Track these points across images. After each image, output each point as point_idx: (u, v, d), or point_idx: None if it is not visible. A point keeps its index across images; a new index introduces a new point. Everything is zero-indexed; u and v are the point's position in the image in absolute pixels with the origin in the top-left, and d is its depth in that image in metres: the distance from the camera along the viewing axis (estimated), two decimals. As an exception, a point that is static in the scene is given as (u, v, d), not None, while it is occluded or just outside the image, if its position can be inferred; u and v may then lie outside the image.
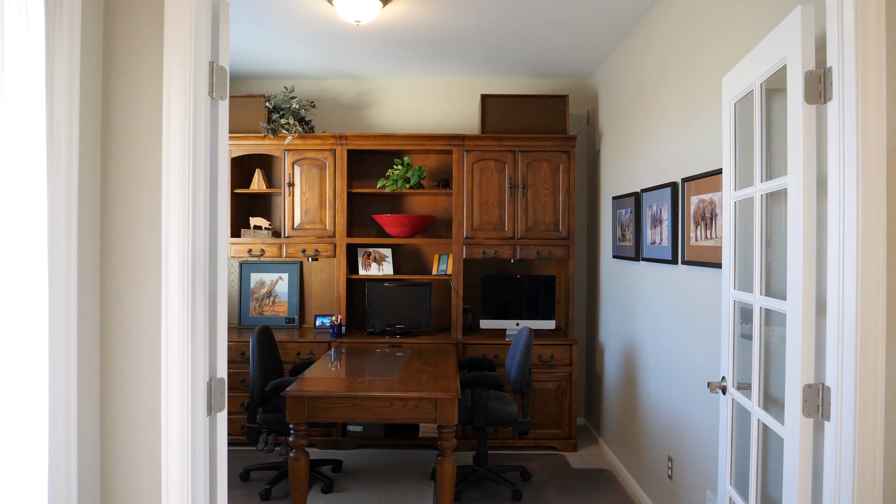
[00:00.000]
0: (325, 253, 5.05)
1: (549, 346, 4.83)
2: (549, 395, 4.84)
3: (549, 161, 4.98)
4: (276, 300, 5.45)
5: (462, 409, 3.95)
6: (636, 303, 4.10)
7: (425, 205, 5.46)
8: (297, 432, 3.37)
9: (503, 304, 5.06)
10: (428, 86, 5.51)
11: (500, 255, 4.98)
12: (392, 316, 5.08)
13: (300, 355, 4.89)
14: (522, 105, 5.03)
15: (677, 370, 3.38)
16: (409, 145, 5.02)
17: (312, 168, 5.06)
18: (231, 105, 5.07)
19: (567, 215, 4.97)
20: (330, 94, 5.53)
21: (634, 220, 4.06)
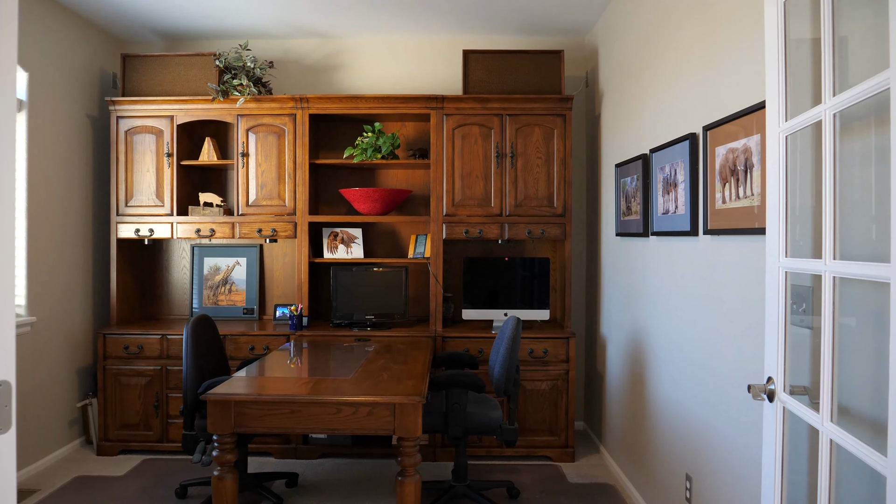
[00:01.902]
0: (285, 233, 4.38)
1: (542, 339, 4.16)
2: (543, 397, 4.17)
3: (541, 126, 4.30)
4: (232, 288, 4.79)
5: (435, 415, 3.28)
6: (645, 287, 3.43)
7: (401, 179, 4.78)
8: (222, 445, 2.70)
9: (489, 292, 4.39)
10: (404, 45, 4.83)
11: (486, 235, 4.30)
12: (361, 305, 4.41)
13: (254, 350, 4.22)
14: (511, 62, 4.34)
15: (698, 368, 2.71)
16: (380, 108, 4.34)
17: (269, 136, 4.38)
18: (177, 65, 4.39)
19: (563, 188, 4.29)
20: (294, 55, 4.85)
21: (642, 188, 3.38)
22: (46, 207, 4.04)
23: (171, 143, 4.39)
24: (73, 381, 4.34)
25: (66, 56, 4.23)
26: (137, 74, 4.40)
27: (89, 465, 4.05)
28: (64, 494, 3.59)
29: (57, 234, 4.15)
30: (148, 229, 4.39)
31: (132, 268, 4.68)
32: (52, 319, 4.10)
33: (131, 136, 4.41)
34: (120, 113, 4.39)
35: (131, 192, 4.41)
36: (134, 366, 4.24)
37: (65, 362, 4.24)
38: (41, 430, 4.01)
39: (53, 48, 4.09)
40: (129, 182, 4.41)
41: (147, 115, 4.38)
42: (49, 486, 3.73)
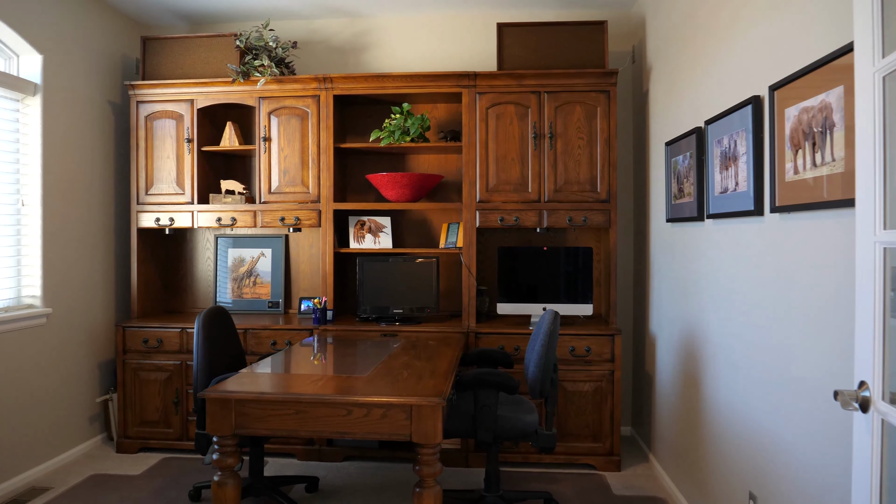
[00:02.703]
0: (308, 221, 4.13)
1: (584, 336, 3.80)
2: (585, 399, 3.82)
3: (583, 104, 3.94)
4: (257, 280, 4.57)
5: (462, 418, 2.97)
6: (699, 278, 3.04)
7: (433, 163, 4.48)
8: (223, 448, 2.45)
9: (526, 285, 4.05)
10: (435, 22, 4.53)
11: (523, 223, 3.97)
12: (389, 299, 4.12)
13: (276, 345, 3.99)
14: (549, 35, 3.99)
15: (766, 370, 2.33)
16: (409, 88, 4.05)
17: (292, 119, 4.14)
18: (197, 47, 4.19)
19: (607, 171, 3.92)
20: (320, 35, 4.60)
21: (696, 166, 2.99)
22: (64, 196, 3.89)
23: (191, 129, 4.19)
24: (94, 375, 4.19)
25: (86, 40, 4.07)
26: (158, 58, 4.22)
27: (107, 463, 3.89)
28: (75, 493, 3.42)
29: (76, 224, 4.00)
30: (168, 218, 4.21)
31: (155, 259, 4.51)
32: (71, 312, 3.95)
33: (151, 121, 4.23)
34: (140, 98, 4.22)
35: (151, 180, 4.23)
36: (153, 360, 4.06)
37: (85, 356, 4.09)
38: (59, 426, 3.86)
39: (71, 32, 3.94)
40: (149, 169, 4.24)
41: (167, 99, 4.20)
42: (62, 484, 3.56)
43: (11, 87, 3.55)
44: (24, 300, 3.71)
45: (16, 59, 3.67)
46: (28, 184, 3.70)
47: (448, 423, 2.96)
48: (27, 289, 3.71)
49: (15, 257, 3.65)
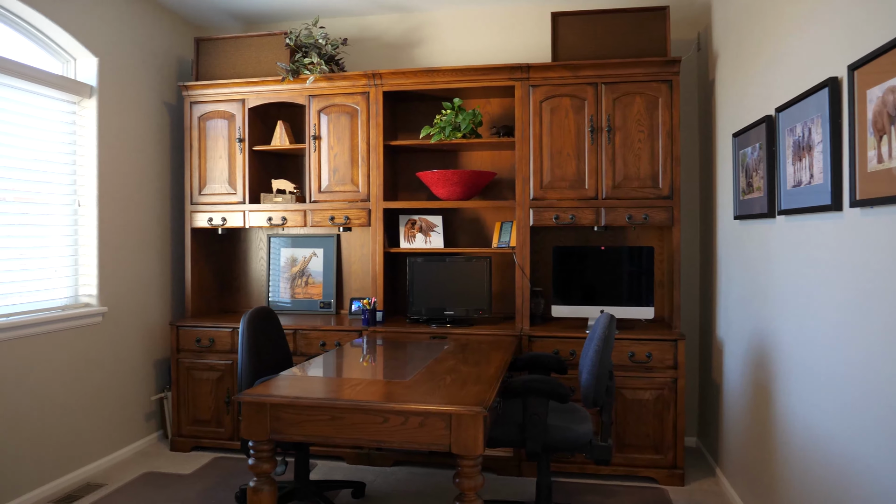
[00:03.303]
0: (358, 221, 4.06)
1: (644, 341, 3.58)
2: (646, 408, 3.59)
3: (643, 95, 3.71)
4: (309, 280, 4.54)
5: (510, 427, 2.82)
6: (770, 280, 2.79)
7: (486, 160, 4.34)
8: (259, 453, 2.38)
9: (583, 286, 3.85)
10: (488, 14, 4.38)
11: (579, 222, 3.78)
12: (440, 300, 4.01)
13: (325, 346, 3.93)
14: (606, 23, 3.79)
15: (845, 385, 2.08)
16: (460, 82, 3.92)
17: (342, 116, 4.08)
18: (248, 47, 4.19)
19: (670, 166, 3.69)
20: (371, 32, 4.53)
21: (766, 158, 2.74)
22: (119, 197, 3.95)
23: (242, 128, 4.19)
24: (150, 373, 4.24)
25: (141, 43, 4.13)
26: (210, 58, 4.24)
27: (160, 461, 3.92)
28: (128, 490, 3.45)
29: (132, 224, 4.05)
30: (221, 218, 4.22)
31: (210, 258, 4.54)
32: (126, 311, 4.01)
33: (204, 121, 4.25)
34: (193, 98, 4.25)
35: (204, 180, 4.26)
36: (205, 360, 4.08)
37: (141, 354, 4.15)
38: (116, 423, 3.92)
39: (127, 34, 3.99)
40: (202, 170, 4.26)
41: (219, 99, 4.21)
42: (116, 481, 3.61)
43: (68, 90, 3.62)
44: (81, 299, 3.77)
45: (73, 62, 3.74)
46: (84, 185, 3.77)
47: (495, 432, 2.81)
48: (84, 288, 3.78)
49: (72, 257, 3.72)
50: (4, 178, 3.25)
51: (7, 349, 3.16)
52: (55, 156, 3.58)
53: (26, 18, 3.38)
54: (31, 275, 3.42)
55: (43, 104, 3.50)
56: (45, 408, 3.40)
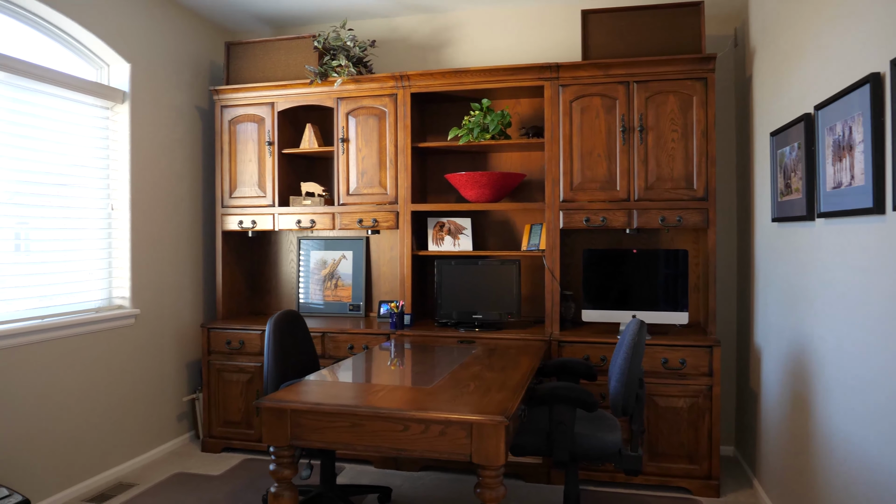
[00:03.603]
0: (386, 223, 4.04)
1: (678, 347, 3.47)
2: (679, 416, 3.49)
3: (676, 93, 3.61)
4: (338, 283, 4.54)
5: (536, 435, 2.76)
6: (810, 286, 2.67)
7: (516, 161, 4.27)
8: (279, 459, 2.36)
9: (615, 290, 3.76)
10: (516, 14, 4.31)
11: (610, 224, 3.69)
12: (468, 303, 3.96)
13: (353, 350, 3.92)
14: (638, 20, 3.69)
15: (889, 396, 1.97)
16: (488, 83, 3.87)
17: (370, 119, 4.06)
18: (277, 50, 4.20)
19: (704, 167, 3.57)
20: (399, 33, 4.51)
21: (805, 158, 2.63)
22: (152, 200, 4.00)
23: (271, 131, 4.21)
24: (182, 374, 4.29)
25: (173, 48, 4.18)
26: (240, 62, 4.27)
27: (191, 462, 3.96)
28: (158, 491, 3.49)
29: (164, 227, 4.11)
30: (251, 221, 4.25)
31: (241, 261, 4.57)
32: (159, 312, 4.06)
33: (234, 125, 4.29)
34: (223, 102, 4.28)
35: (235, 183, 4.29)
36: (236, 361, 4.10)
37: (173, 355, 4.20)
38: (148, 423, 3.97)
39: (159, 40, 4.04)
40: (233, 173, 4.29)
41: (248, 102, 4.24)
42: (147, 481, 3.65)
43: (102, 96, 3.67)
44: (115, 301, 3.83)
45: (106, 68, 3.80)
46: (117, 189, 3.82)
47: (520, 439, 2.75)
48: (117, 290, 3.83)
49: (106, 260, 3.78)
50: (41, 184, 3.32)
51: (43, 350, 3.23)
52: (89, 160, 3.65)
53: (62, 27, 3.45)
54: (66, 277, 3.48)
55: (77, 110, 3.56)
56: (80, 408, 3.46)
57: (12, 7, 3.19)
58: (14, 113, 3.17)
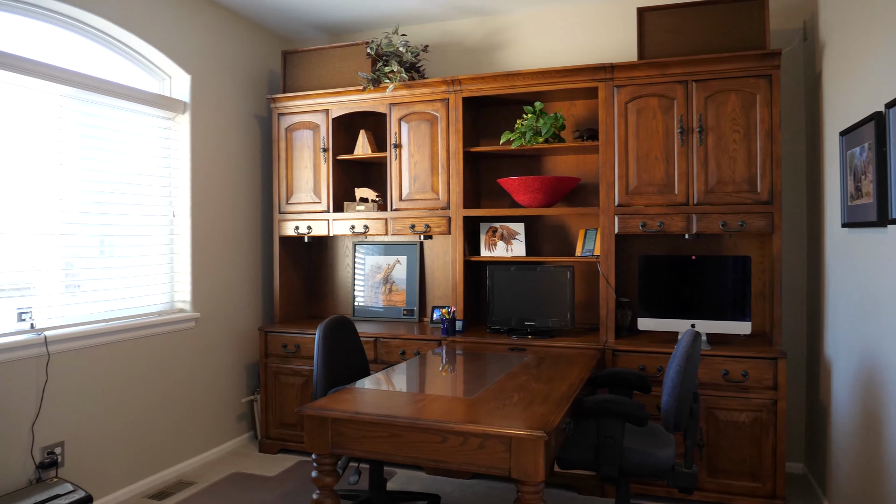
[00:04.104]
0: (438, 229, 4.02)
1: (740, 359, 3.31)
2: (741, 431, 3.32)
3: (738, 92, 3.44)
4: (392, 288, 4.56)
5: (583, 449, 2.67)
6: (882, 296, 2.49)
7: (571, 165, 4.18)
8: (321, 466, 2.38)
9: (672, 298, 3.62)
10: (571, 14, 4.22)
11: (668, 229, 3.55)
12: (520, 310, 3.89)
13: (405, 355, 3.92)
14: (698, 17, 3.54)
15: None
16: (541, 85, 3.80)
17: (422, 124, 4.06)
18: (332, 58, 4.26)
19: (769, 168, 3.39)
20: (452, 37, 4.49)
21: (875, 160, 2.45)
22: (213, 207, 4.12)
23: (326, 138, 4.26)
24: (242, 376, 4.41)
25: (232, 58, 4.30)
26: (296, 71, 4.35)
27: (248, 462, 4.05)
28: (215, 490, 3.59)
29: (224, 233, 4.23)
30: (306, 226, 4.32)
31: (298, 265, 4.66)
32: (218, 316, 4.18)
33: (291, 132, 4.37)
34: (280, 110, 4.37)
35: (291, 190, 4.37)
36: (291, 365, 4.18)
37: (232, 358, 4.31)
38: (208, 423, 4.09)
39: (218, 51, 4.16)
40: (289, 179, 4.38)
41: (304, 110, 4.31)
42: (206, 479, 3.76)
43: (164, 107, 3.81)
44: (177, 305, 3.97)
45: (168, 80, 3.94)
46: (178, 196, 3.96)
47: (566, 453, 2.68)
48: (179, 294, 3.97)
49: (168, 265, 3.92)
50: (109, 192, 3.47)
51: (110, 351, 3.37)
52: (152, 169, 3.79)
53: (126, 42, 3.59)
54: (131, 282, 3.62)
55: (141, 121, 3.70)
56: (143, 407, 3.59)
57: (81, 25, 3.35)
58: (84, 126, 3.33)
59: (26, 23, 3.12)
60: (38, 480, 2.97)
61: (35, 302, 3.08)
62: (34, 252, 3.09)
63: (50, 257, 3.16)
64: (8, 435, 2.88)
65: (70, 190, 3.27)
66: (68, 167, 3.26)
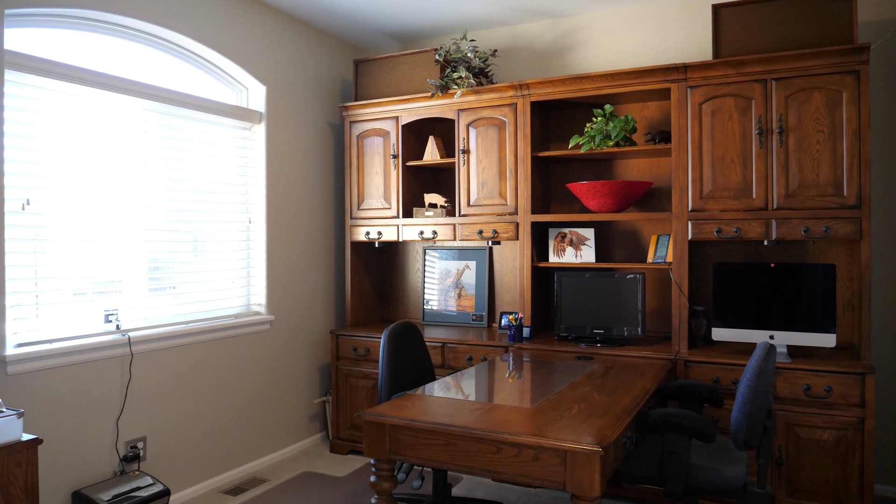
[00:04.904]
0: (506, 234, 4.00)
1: (823, 373, 3.12)
2: (825, 450, 3.13)
3: (823, 89, 3.24)
4: (462, 293, 4.57)
5: (647, 464, 2.59)
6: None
7: (643, 169, 4.06)
8: (379, 471, 2.41)
9: (749, 307, 3.45)
10: (642, 14, 4.10)
11: (745, 235, 3.40)
12: (588, 317, 3.82)
13: (472, 361, 3.92)
14: (777, 11, 3.36)
15: None
16: (611, 88, 3.72)
17: (490, 129, 4.05)
18: (402, 65, 4.32)
19: (856, 171, 3.18)
20: (522, 40, 4.45)
21: (973, 162, 2.25)
22: (287, 213, 4.26)
23: (396, 145, 4.33)
24: (315, 378, 4.53)
25: (306, 68, 4.43)
26: (368, 79, 4.44)
27: (319, 462, 4.16)
28: (286, 488, 3.70)
29: (298, 239, 4.36)
30: (377, 232, 4.39)
31: (370, 270, 4.74)
32: (292, 319, 4.32)
33: (362, 139, 4.46)
34: (352, 118, 4.47)
35: (362, 196, 4.46)
36: (361, 368, 4.26)
37: (305, 360, 4.44)
38: (282, 423, 4.23)
39: (293, 62, 4.30)
40: (360, 186, 4.47)
41: (375, 117, 4.39)
42: (278, 477, 3.89)
43: (241, 118, 3.97)
44: (252, 308, 4.13)
45: (245, 91, 4.10)
46: (254, 203, 4.11)
47: (628, 467, 2.61)
48: (254, 297, 4.12)
49: (245, 269, 4.08)
50: (189, 201, 3.65)
51: (189, 352, 3.55)
52: (229, 177, 3.95)
53: (205, 56, 3.77)
54: (210, 285, 3.80)
55: (219, 132, 3.88)
56: (220, 406, 3.76)
57: (164, 42, 3.54)
58: (166, 138, 3.52)
59: (113, 42, 3.33)
60: (122, 473, 3.16)
61: (120, 304, 3.28)
62: (120, 257, 3.29)
63: (134, 262, 3.35)
64: (97, 429, 3.08)
65: (153, 199, 3.46)
66: (151, 177, 3.45)
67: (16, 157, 2.84)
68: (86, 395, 3.04)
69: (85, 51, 3.20)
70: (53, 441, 2.90)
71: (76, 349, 2.97)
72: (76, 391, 2.99)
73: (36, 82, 2.91)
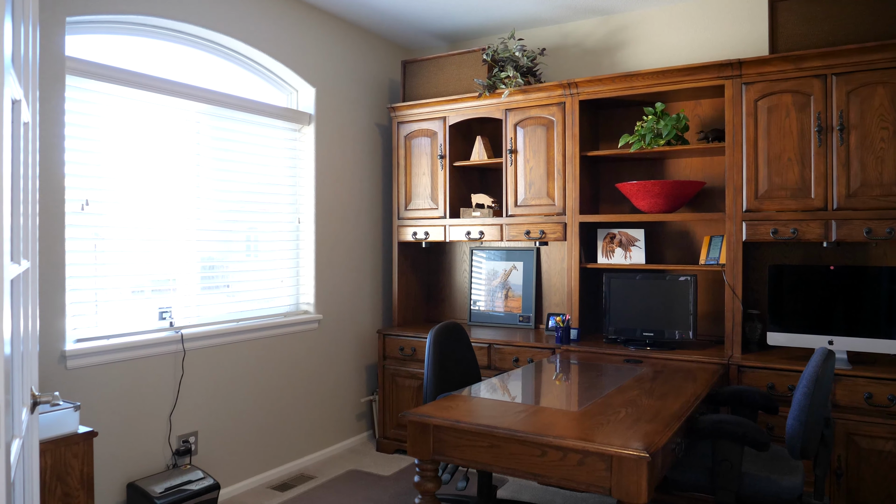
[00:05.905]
0: (553, 235, 3.96)
1: (886, 381, 2.98)
2: (887, 461, 2.99)
3: (887, 84, 3.10)
4: (509, 293, 4.54)
5: (698, 471, 2.52)
6: None
7: (696, 168, 3.96)
8: (423, 472, 2.41)
9: (806, 311, 3.33)
10: (694, 9, 4.00)
11: (803, 236, 3.27)
12: (638, 320, 3.74)
13: (518, 362, 3.89)
14: (836, 4, 3.23)
15: None
16: (662, 85, 3.64)
17: (537, 129, 4.02)
18: (449, 65, 4.32)
19: (924, 169, 3.03)
20: (572, 38, 4.40)
21: None
22: (335, 213, 4.31)
23: (443, 145, 4.33)
24: (362, 376, 4.57)
25: (354, 69, 4.48)
26: (415, 79, 4.45)
27: (366, 460, 4.20)
28: (333, 485, 3.75)
29: (346, 239, 4.41)
30: (424, 232, 4.41)
31: (417, 270, 4.76)
32: (340, 318, 4.37)
33: (410, 140, 4.48)
34: (400, 119, 4.49)
35: (410, 196, 4.48)
36: (407, 368, 4.28)
37: (352, 359, 4.49)
38: (330, 421, 4.28)
39: (341, 63, 4.35)
40: (408, 186, 4.49)
41: (422, 118, 4.40)
42: (325, 475, 3.94)
43: (291, 120, 4.04)
44: (301, 307, 4.19)
45: (295, 94, 4.17)
46: (303, 204, 4.18)
47: (678, 474, 2.54)
48: (303, 297, 4.19)
49: (294, 269, 4.14)
50: (240, 201, 3.74)
51: (240, 349, 3.63)
52: (279, 178, 4.03)
53: (256, 60, 3.85)
54: (261, 284, 3.88)
55: (270, 133, 3.95)
56: (269, 403, 3.83)
57: (216, 46, 3.63)
58: (218, 140, 3.60)
59: (168, 46, 3.43)
60: (174, 466, 3.25)
61: (174, 302, 3.37)
62: (174, 256, 3.38)
63: (187, 261, 3.45)
64: (151, 423, 3.18)
65: (206, 199, 3.55)
66: (204, 178, 3.54)
67: (76, 159, 2.96)
68: (140, 389, 3.14)
69: (140, 55, 3.30)
70: (109, 434, 3.00)
71: (132, 345, 3.07)
72: (131, 386, 3.10)
73: (95, 87, 3.02)
